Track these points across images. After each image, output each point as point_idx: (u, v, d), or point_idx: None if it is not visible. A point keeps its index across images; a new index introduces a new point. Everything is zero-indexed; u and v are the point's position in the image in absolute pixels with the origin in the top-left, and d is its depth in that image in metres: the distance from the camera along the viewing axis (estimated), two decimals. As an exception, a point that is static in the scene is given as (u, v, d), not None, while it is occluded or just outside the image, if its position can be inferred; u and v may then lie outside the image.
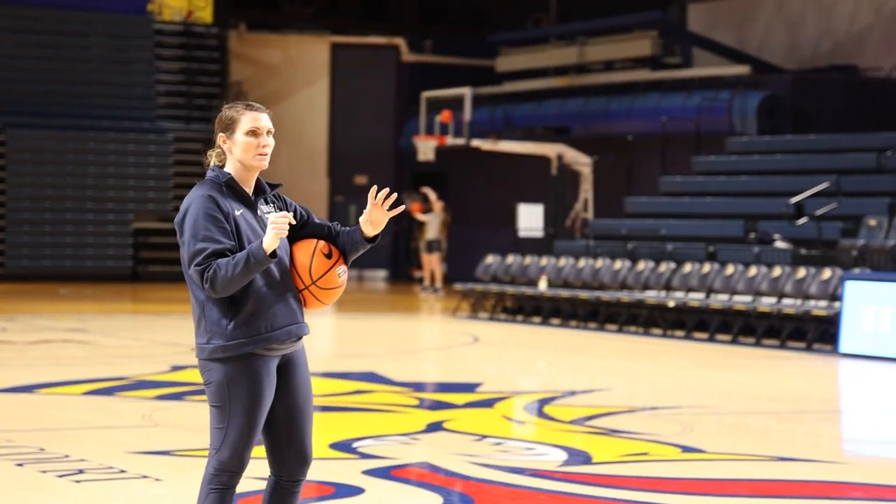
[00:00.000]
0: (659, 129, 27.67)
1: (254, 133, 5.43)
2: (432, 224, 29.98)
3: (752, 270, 19.94)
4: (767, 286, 19.59)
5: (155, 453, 9.42)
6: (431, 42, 37.87)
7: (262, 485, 5.67)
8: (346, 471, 8.85)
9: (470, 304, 23.74)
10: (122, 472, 8.68)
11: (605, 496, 8.26)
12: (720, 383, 14.97)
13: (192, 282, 5.34)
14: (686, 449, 10.10)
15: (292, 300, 5.38)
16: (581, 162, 29.18)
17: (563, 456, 9.63)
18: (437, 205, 30.30)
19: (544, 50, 34.04)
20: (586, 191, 29.13)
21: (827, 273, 18.98)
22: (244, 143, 5.42)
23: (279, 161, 37.95)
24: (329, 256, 5.44)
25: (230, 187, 5.40)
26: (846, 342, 17.77)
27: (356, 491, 8.20)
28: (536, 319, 22.50)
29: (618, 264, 22.08)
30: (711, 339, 19.64)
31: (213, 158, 5.54)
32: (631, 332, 20.79)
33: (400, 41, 37.71)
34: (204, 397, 12.09)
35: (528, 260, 23.58)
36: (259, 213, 5.44)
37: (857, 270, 18.82)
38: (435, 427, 11.00)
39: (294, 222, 5.31)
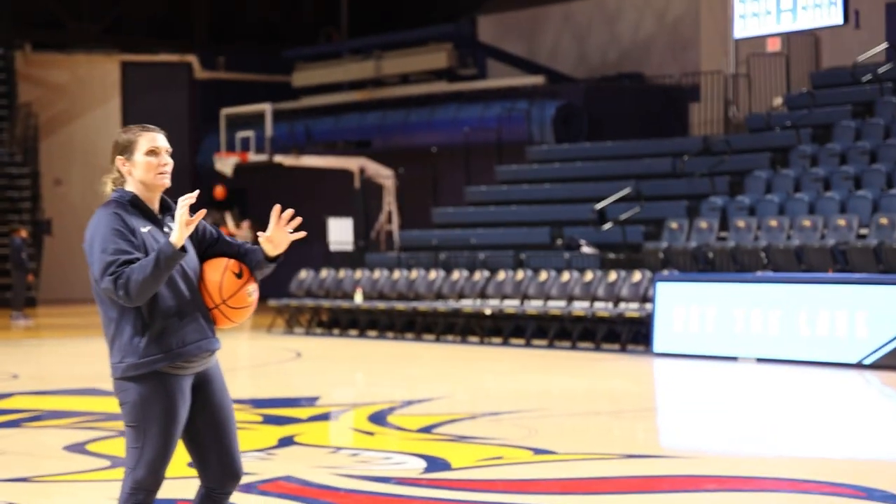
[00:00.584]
0: (459, 139, 28.10)
1: (153, 153, 5.51)
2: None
3: (565, 276, 20.45)
4: (580, 290, 20.11)
5: (13, 480, 9.30)
6: (224, 58, 37.71)
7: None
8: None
9: (285, 320, 23.76)
10: (-12, 501, 8.57)
11: (477, 500, 8.47)
12: (548, 386, 15.34)
13: (102, 300, 5.38)
14: (538, 451, 10.37)
15: (201, 317, 5.46)
16: (383, 174, 29.44)
17: (423, 463, 9.81)
18: (244, 223, 30.20)
19: (341, 64, 34.24)
20: (389, 203, 29.40)
21: (637, 276, 19.58)
22: (145, 164, 5.49)
23: (73, 183, 37.35)
24: (240, 276, 5.53)
25: (135, 205, 5.46)
26: (659, 342, 18.36)
27: (228, 508, 8.23)
28: (353, 332, 22.66)
29: (432, 274, 22.38)
30: (528, 345, 20.07)
31: (109, 184, 5.59)
32: (448, 340, 21.11)
33: (192, 58, 37.47)
34: (38, 424, 11.96)
35: (342, 273, 23.73)
36: (166, 230, 5.49)
37: (665, 272, 19.45)
38: (287, 441, 11.07)
39: (194, 201, 5.36)
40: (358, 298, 22.62)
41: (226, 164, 28.60)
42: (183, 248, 5.26)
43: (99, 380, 16.92)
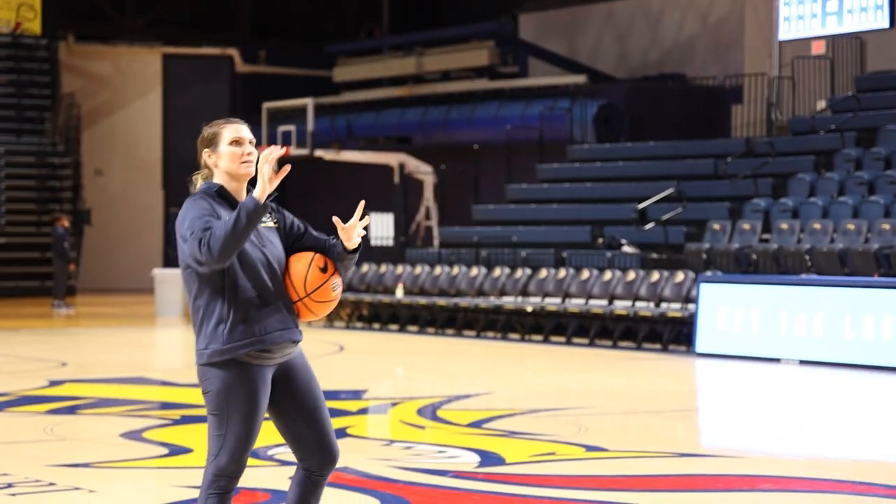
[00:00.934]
0: (500, 137, 28.16)
1: (237, 142, 5.59)
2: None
3: (607, 275, 20.50)
4: (622, 290, 20.16)
5: (75, 466, 9.42)
6: (265, 52, 37.88)
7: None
8: (273, 478, 8.98)
9: (325, 314, 23.86)
10: (52, 484, 8.69)
11: (533, 494, 8.54)
12: (590, 385, 15.41)
13: (190, 289, 5.47)
14: (589, 448, 10.45)
15: (284, 308, 5.52)
16: (423, 171, 29.53)
17: (476, 458, 9.89)
18: None
19: (382, 60, 34.36)
20: (428, 199, 29.49)
21: (680, 276, 19.61)
22: (229, 153, 5.58)
23: (113, 173, 37.59)
24: (324, 270, 5.59)
25: (221, 196, 5.55)
26: (702, 342, 18.40)
27: (292, 497, 8.32)
28: (394, 327, 22.76)
29: (474, 271, 22.46)
30: (569, 343, 20.13)
31: (199, 181, 5.70)
32: (489, 337, 21.19)
33: (234, 52, 37.64)
34: (93, 411, 12.09)
35: (384, 268, 23.83)
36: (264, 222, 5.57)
37: (709, 273, 19.47)
38: (339, 434, 11.17)
39: (281, 153, 5.42)
40: (399, 293, 22.71)
41: (268, 157, 28.67)
42: (265, 206, 5.30)
43: (144, 369, 17.10)
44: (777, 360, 17.51)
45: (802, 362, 17.25)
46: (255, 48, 37.98)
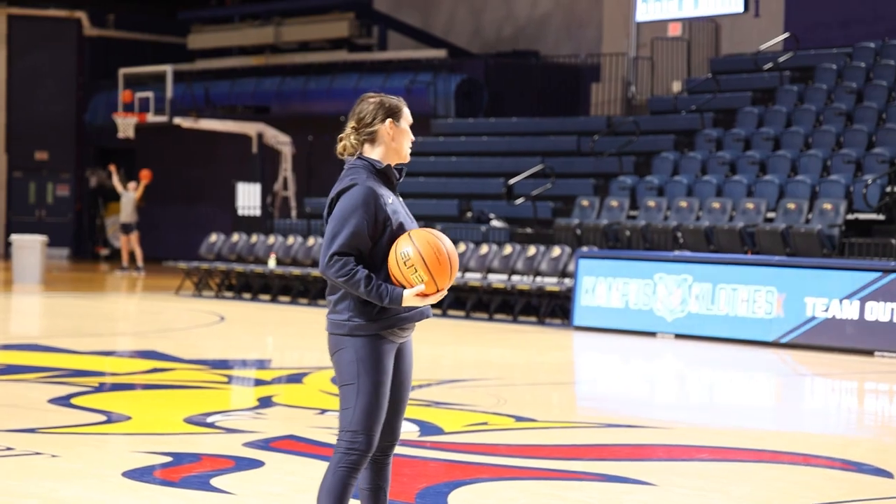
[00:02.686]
0: (361, 109, 28.19)
1: (410, 125, 5.64)
2: (127, 204, 29.59)
3: (484, 248, 20.85)
4: (499, 263, 20.53)
5: (23, 431, 9.38)
6: (114, 16, 37.33)
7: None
8: (227, 444, 9.09)
9: (194, 283, 23.79)
10: (10, 448, 8.68)
11: (488, 462, 8.78)
12: (486, 357, 15.70)
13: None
14: (518, 418, 10.75)
15: None
16: (281, 141, 29.50)
17: (415, 427, 10.10)
18: (132, 184, 29.97)
19: (239, 28, 34.17)
20: (286, 170, 29.48)
21: (556, 251, 20.06)
22: (408, 134, 5.59)
23: (-46, 135, 36.70)
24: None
25: (386, 175, 5.53)
26: (579, 316, 18.87)
27: (257, 463, 8.46)
28: (265, 297, 22.79)
29: (347, 242, 22.58)
30: (445, 315, 20.42)
31: (349, 146, 5.59)
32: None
33: (81, 14, 37.02)
34: (14, 377, 11.97)
35: (255, 238, 23.82)
36: (399, 198, 5.62)
37: (586, 248, 19.95)
38: (267, 402, 11.30)
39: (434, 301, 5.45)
40: (272, 264, 22.75)
41: (126, 124, 28.39)
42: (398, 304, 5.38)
43: (32, 336, 16.90)
44: (653, 334, 18.06)
45: (677, 336, 17.83)
46: (104, 11, 37.40)
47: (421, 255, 5.40)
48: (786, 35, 25.56)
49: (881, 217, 19.37)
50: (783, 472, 8.77)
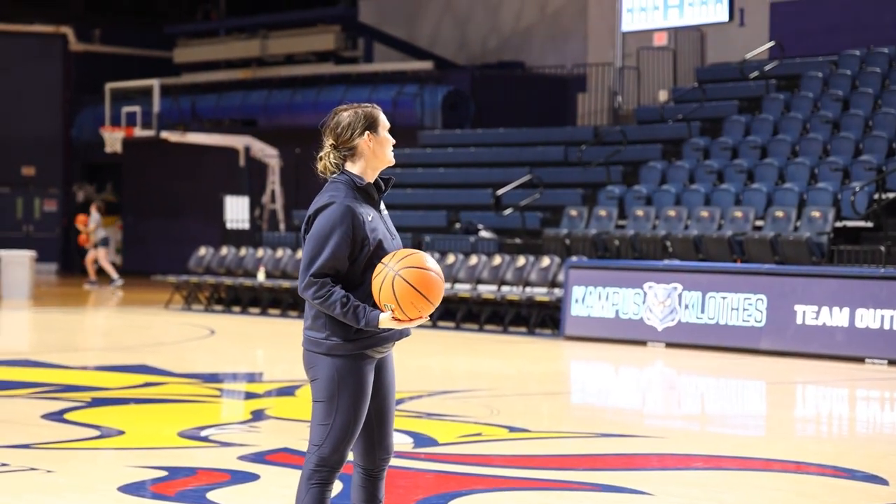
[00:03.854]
0: (348, 122, 28.22)
1: (388, 130, 5.52)
2: (96, 222, 29.57)
3: (473, 259, 20.87)
4: (488, 274, 20.55)
5: (17, 447, 9.38)
6: (100, 31, 37.33)
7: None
8: (222, 458, 9.09)
9: (183, 296, 23.78)
10: (6, 465, 8.67)
11: (481, 473, 8.81)
12: (475, 368, 15.72)
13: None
14: (512, 429, 10.76)
15: None
16: (268, 154, 29.53)
17: (409, 439, 10.11)
18: (93, 206, 30.08)
19: (225, 42, 34.19)
20: (273, 182, 29.50)
21: (546, 261, 20.09)
22: (387, 140, 5.47)
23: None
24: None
25: (367, 192, 5.42)
26: (569, 326, 18.89)
27: (252, 477, 8.47)
28: (255, 310, 22.79)
29: (336, 255, 22.59)
30: (435, 326, 20.43)
31: (329, 164, 5.48)
32: (354, 320, 21.34)
33: (67, 30, 37.01)
34: (6, 392, 11.96)
35: (244, 251, 23.83)
36: (382, 212, 5.51)
37: (575, 258, 19.97)
38: (259, 415, 11.31)
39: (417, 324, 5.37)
40: (261, 277, 22.75)
41: (113, 138, 28.39)
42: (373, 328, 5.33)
43: (23, 352, 16.88)
44: (644, 343, 18.09)
45: (668, 345, 17.86)
46: (90, 26, 37.39)
47: (395, 297, 5.29)
48: (771, 44, 25.65)
49: (869, 224, 19.44)
50: (777, 481, 8.81)
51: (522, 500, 7.97)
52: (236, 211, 26.97)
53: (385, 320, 5.30)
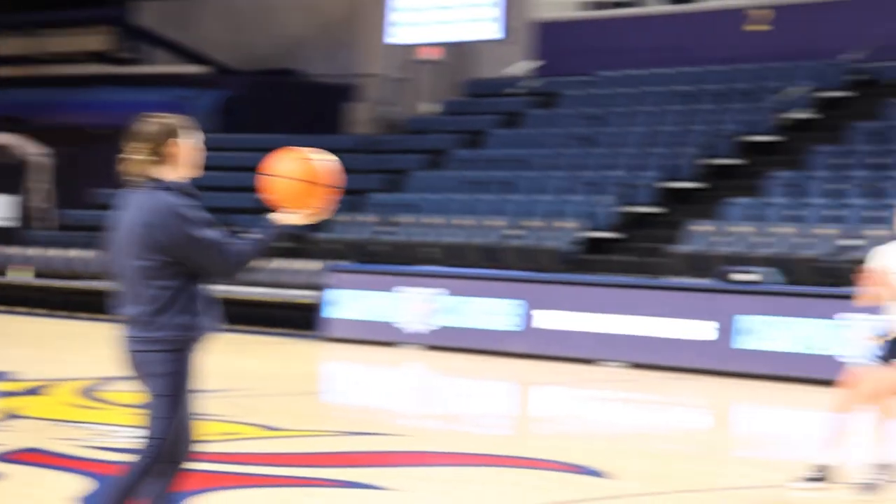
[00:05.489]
0: (119, 122, 28.22)
1: (194, 136, 5.71)
2: None
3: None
4: (248, 275, 20.92)
5: None
6: None
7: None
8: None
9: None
10: None
11: (232, 471, 9.11)
12: (235, 367, 16.01)
13: (151, 276, 5.50)
14: (269, 427, 11.16)
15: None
16: (32, 152, 29.29)
17: (165, 436, 10.39)
18: None
19: (-3, 38, 33.76)
20: (40, 181, 29.28)
21: (309, 264, 20.58)
22: (195, 146, 5.67)
23: None
24: None
25: (189, 194, 5.64)
26: (331, 328, 19.39)
27: (-2, 476, 8.51)
28: (22, 309, 22.67)
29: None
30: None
31: (139, 167, 5.57)
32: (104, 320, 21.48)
33: None
34: None
35: (11, 249, 23.70)
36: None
37: (339, 262, 20.50)
38: (10, 415, 11.35)
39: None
40: (27, 275, 22.68)
41: None
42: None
43: None
44: (400, 345, 18.70)
45: (425, 347, 18.50)
46: None
47: (284, 196, 5.61)
48: (540, 63, 26.55)
49: (619, 235, 20.45)
50: (518, 476, 9.37)
51: (267, 496, 8.27)
52: (3, 209, 26.74)
53: (282, 219, 5.57)
